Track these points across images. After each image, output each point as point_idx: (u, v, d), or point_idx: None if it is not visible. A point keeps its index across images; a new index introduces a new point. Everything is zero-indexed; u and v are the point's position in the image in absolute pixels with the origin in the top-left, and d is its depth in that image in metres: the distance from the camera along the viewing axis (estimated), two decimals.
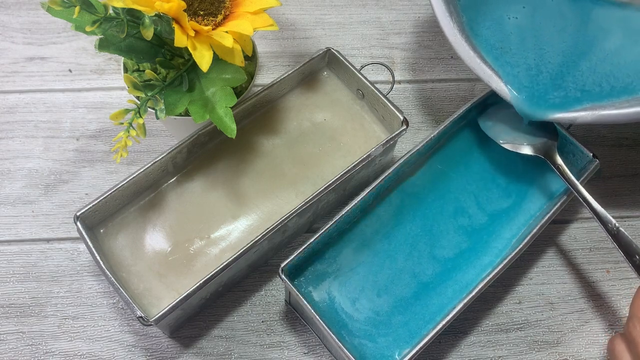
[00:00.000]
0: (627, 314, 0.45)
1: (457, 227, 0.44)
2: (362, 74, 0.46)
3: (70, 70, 0.54)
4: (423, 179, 0.46)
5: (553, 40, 0.45)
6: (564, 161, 0.43)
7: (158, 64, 0.41)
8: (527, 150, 0.44)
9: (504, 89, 0.43)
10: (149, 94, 0.39)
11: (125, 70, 0.44)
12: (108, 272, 0.38)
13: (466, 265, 0.43)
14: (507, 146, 0.44)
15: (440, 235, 0.44)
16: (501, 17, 0.46)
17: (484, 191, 0.46)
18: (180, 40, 0.35)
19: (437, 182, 0.46)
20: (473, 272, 0.42)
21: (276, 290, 0.45)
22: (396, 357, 0.39)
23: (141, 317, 0.37)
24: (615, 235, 0.40)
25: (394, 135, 0.44)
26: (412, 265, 0.42)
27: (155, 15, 0.36)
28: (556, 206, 0.42)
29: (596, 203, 0.40)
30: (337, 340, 0.37)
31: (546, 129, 0.45)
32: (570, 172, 0.42)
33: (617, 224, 0.40)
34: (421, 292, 0.41)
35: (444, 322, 0.38)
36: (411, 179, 0.46)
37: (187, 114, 0.43)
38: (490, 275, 0.39)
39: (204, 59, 0.37)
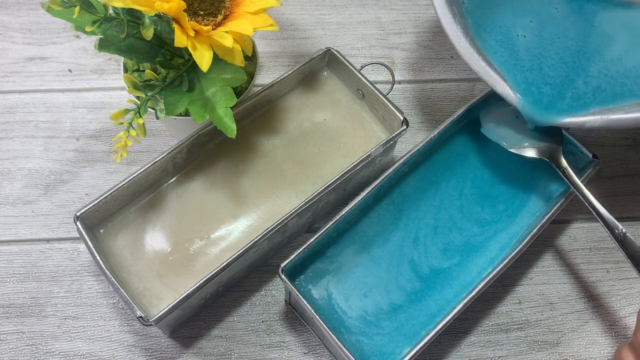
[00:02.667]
0: (626, 315, 0.45)
1: (457, 228, 0.44)
2: (362, 74, 0.46)
3: (70, 70, 0.54)
4: (421, 180, 0.46)
5: (560, 45, 0.45)
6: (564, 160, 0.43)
7: (158, 64, 0.41)
8: (531, 153, 0.43)
9: (510, 94, 0.42)
10: (149, 94, 0.39)
11: (125, 70, 0.44)
12: (108, 272, 0.38)
13: (465, 267, 0.42)
14: (510, 149, 0.44)
15: (439, 237, 0.44)
16: (509, 31, 0.45)
17: (482, 192, 0.46)
18: (180, 40, 0.36)
19: (435, 183, 0.46)
20: (473, 272, 0.42)
21: (276, 290, 0.45)
22: (396, 356, 0.39)
23: (141, 317, 0.37)
24: (622, 242, 0.39)
25: (394, 135, 0.44)
26: (411, 268, 0.42)
27: (155, 15, 0.36)
28: (556, 206, 0.42)
29: (603, 208, 0.40)
30: (337, 340, 0.37)
31: (551, 131, 0.44)
32: None
33: (623, 230, 0.39)
34: (415, 297, 0.41)
35: (444, 322, 0.38)
36: (408, 180, 0.46)
37: (187, 114, 0.43)
38: (490, 275, 0.39)
39: (204, 59, 0.37)
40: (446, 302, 0.41)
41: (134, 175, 0.41)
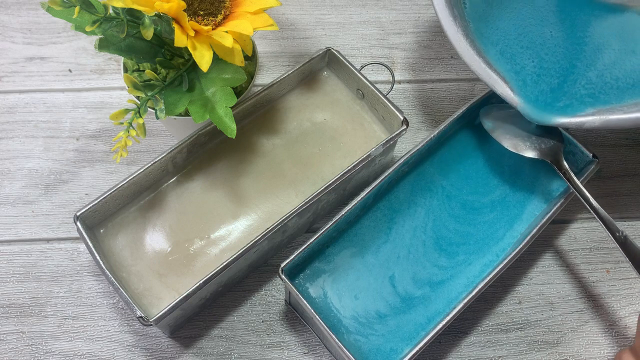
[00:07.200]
0: (626, 315, 0.45)
1: (456, 231, 0.44)
2: (362, 74, 0.46)
3: (70, 70, 0.54)
4: (419, 182, 0.46)
5: (559, 47, 0.45)
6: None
7: (158, 64, 0.41)
8: (532, 154, 0.43)
9: (510, 95, 0.42)
10: (149, 94, 0.39)
11: (125, 70, 0.44)
12: (108, 272, 0.38)
13: (462, 270, 0.42)
14: (511, 149, 0.44)
15: (441, 238, 0.44)
16: (509, 38, 0.45)
17: (482, 192, 0.46)
18: (180, 40, 0.36)
19: (433, 184, 0.46)
20: (474, 270, 0.42)
21: (276, 290, 0.45)
22: (396, 355, 0.39)
23: (141, 317, 0.37)
24: (623, 244, 0.39)
25: (394, 135, 0.44)
26: (391, 284, 0.42)
27: (155, 15, 0.36)
28: (556, 206, 0.42)
29: (604, 211, 0.40)
30: (336, 340, 0.37)
31: (552, 132, 0.44)
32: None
33: (624, 233, 0.39)
34: (397, 311, 0.41)
35: (444, 322, 0.38)
36: (405, 183, 0.45)
37: (187, 114, 0.43)
38: (490, 275, 0.39)
39: (204, 59, 0.37)
40: (456, 295, 0.41)
41: (134, 175, 0.41)
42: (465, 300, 0.38)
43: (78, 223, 0.40)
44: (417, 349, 0.37)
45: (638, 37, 0.45)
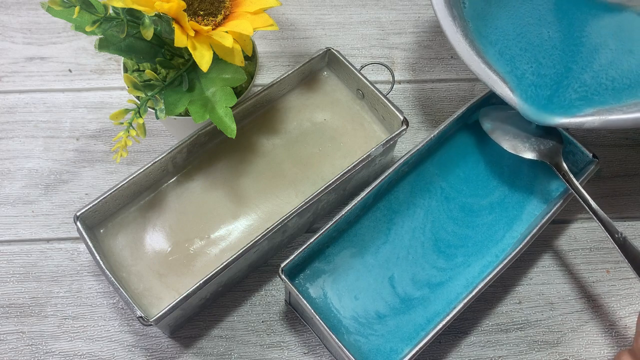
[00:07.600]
0: (626, 315, 0.45)
1: (454, 233, 0.44)
2: (362, 74, 0.46)
3: (70, 70, 0.54)
4: (419, 182, 0.46)
5: (557, 48, 0.45)
6: (564, 162, 0.43)
7: (158, 64, 0.41)
8: (531, 155, 0.43)
9: (509, 95, 0.42)
10: (149, 94, 0.39)
11: (125, 70, 0.44)
12: (108, 272, 0.38)
13: (461, 272, 0.42)
14: (510, 150, 0.43)
15: (439, 240, 0.44)
16: (508, 39, 0.45)
17: (481, 195, 0.46)
18: (180, 40, 0.36)
19: (432, 185, 0.46)
20: (473, 272, 0.42)
21: (276, 290, 0.45)
22: (396, 355, 0.39)
23: (141, 317, 0.37)
24: (622, 246, 0.39)
25: (394, 135, 0.44)
26: (390, 284, 0.42)
27: (155, 15, 0.36)
28: (556, 206, 0.42)
29: (603, 212, 0.40)
30: (337, 340, 0.37)
31: (551, 132, 0.44)
32: (571, 172, 0.42)
33: (623, 234, 0.39)
34: (397, 311, 0.41)
35: (444, 322, 0.38)
36: (404, 184, 0.45)
37: (187, 114, 0.43)
38: (490, 275, 0.39)
39: (204, 59, 0.37)
40: (455, 295, 0.41)
41: (134, 175, 0.41)
42: (465, 301, 0.38)
43: (78, 223, 0.40)
44: (417, 349, 0.37)
45: (636, 36, 0.45)
